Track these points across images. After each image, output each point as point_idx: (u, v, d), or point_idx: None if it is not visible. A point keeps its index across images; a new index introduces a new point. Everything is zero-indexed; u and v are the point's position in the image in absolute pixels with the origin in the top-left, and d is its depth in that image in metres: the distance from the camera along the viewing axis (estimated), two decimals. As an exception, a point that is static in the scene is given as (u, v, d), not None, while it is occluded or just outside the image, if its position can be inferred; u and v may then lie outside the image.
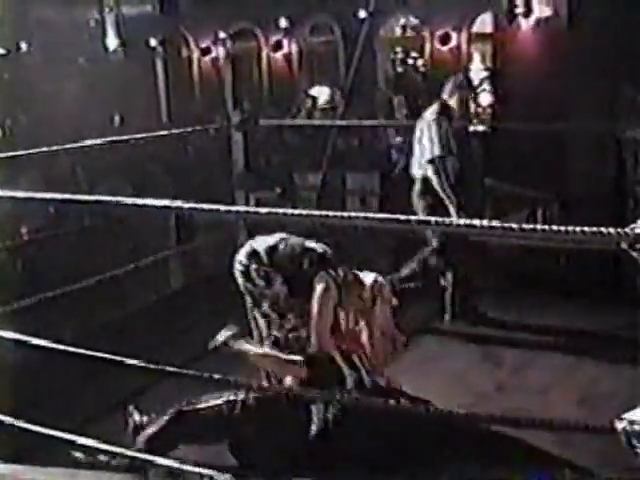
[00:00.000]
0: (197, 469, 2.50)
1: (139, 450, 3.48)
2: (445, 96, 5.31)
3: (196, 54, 12.36)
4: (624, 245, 2.05)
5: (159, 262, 6.30)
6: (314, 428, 3.58)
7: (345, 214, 2.14)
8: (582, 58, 7.25)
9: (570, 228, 1.92)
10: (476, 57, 10.80)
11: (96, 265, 5.99)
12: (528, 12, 8.90)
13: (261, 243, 3.84)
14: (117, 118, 11.21)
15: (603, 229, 1.89)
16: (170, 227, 7.45)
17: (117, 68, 11.79)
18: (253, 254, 3.78)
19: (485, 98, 10.65)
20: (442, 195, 5.06)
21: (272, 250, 3.77)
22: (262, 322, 3.83)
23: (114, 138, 6.24)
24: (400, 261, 5.56)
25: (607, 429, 1.98)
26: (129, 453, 2.85)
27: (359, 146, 9.49)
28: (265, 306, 3.76)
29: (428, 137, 5.12)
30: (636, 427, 2.12)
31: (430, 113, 5.25)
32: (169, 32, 12.20)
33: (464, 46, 10.28)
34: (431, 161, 5.08)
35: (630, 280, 4.24)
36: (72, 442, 2.69)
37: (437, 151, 5.07)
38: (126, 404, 3.86)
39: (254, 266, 3.74)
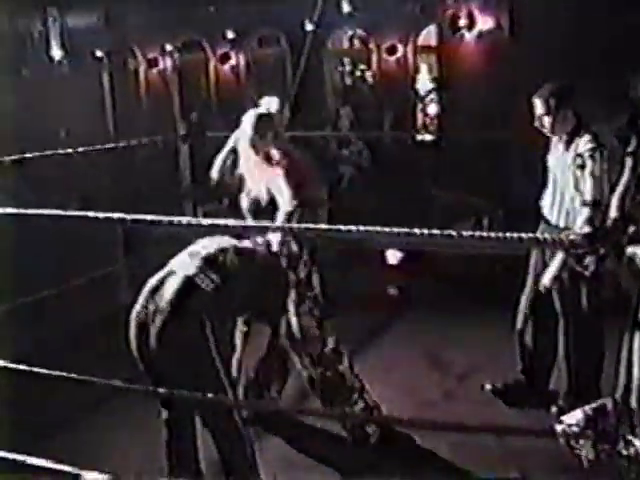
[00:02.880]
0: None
1: None
2: None
3: (143, 66, 12.25)
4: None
5: (106, 276, 6.21)
6: None
7: (289, 225, 2.16)
8: (524, 68, 7.42)
9: (493, 234, 1.97)
10: (423, 68, 10.95)
11: (42, 280, 5.90)
12: (471, 25, 9.08)
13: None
14: (63, 130, 11.05)
15: (524, 235, 1.92)
16: (118, 240, 7.34)
17: (62, 79, 11.63)
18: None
19: (432, 108, 10.80)
20: None
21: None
22: None
23: (60, 151, 6.17)
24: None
25: (547, 432, 2.03)
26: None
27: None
28: None
29: None
30: (574, 429, 2.18)
31: None
32: (115, 43, 12.09)
33: (411, 58, 10.39)
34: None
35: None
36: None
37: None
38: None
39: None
